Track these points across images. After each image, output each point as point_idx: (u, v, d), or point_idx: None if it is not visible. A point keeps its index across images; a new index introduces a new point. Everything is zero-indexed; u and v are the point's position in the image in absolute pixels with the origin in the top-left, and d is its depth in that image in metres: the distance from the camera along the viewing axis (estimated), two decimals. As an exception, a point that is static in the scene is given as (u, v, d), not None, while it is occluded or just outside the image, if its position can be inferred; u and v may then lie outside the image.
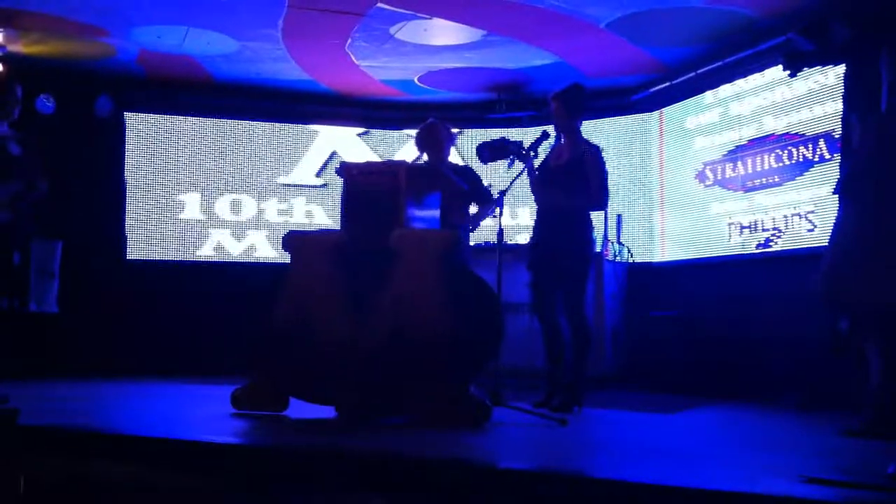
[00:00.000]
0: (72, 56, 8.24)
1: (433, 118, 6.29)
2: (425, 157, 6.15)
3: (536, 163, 5.82)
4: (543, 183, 5.83)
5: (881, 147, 3.35)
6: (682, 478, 3.18)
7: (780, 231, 7.14)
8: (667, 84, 8.50)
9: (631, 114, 8.96)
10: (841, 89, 6.35)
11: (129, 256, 8.99)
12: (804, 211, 6.91)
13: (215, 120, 9.37)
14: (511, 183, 5.60)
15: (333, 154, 9.61)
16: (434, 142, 6.14)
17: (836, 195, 4.22)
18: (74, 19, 7.26)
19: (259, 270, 9.15)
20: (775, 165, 7.24)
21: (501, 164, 6.29)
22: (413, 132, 6.42)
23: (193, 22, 7.36)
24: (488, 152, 5.85)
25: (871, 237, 3.16)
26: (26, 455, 3.93)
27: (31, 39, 7.79)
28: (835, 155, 6.58)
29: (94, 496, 3.66)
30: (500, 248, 5.38)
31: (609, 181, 5.82)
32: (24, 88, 6.37)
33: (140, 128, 9.16)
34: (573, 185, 5.72)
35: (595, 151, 5.78)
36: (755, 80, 7.53)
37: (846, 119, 4.92)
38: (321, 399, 5.06)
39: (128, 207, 9.03)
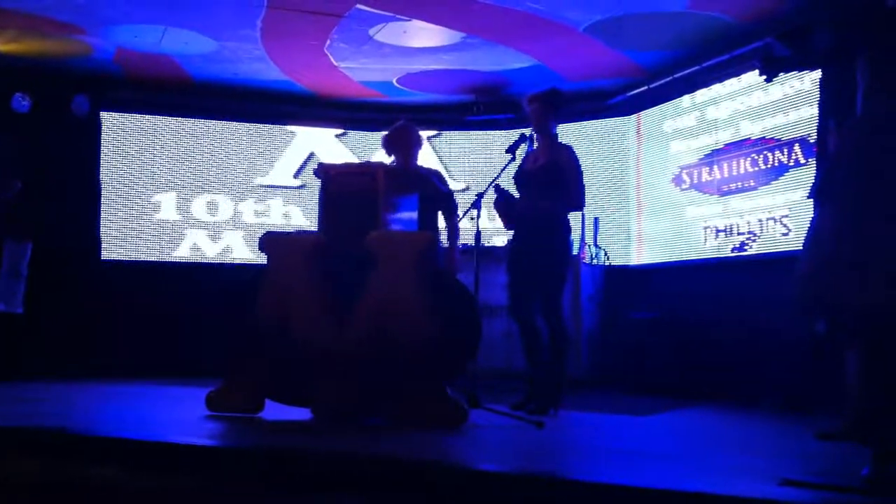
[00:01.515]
0: (48, 55, 8.18)
1: (403, 120, 6.28)
2: (393, 159, 6.13)
3: (513, 167, 5.82)
4: (520, 187, 5.83)
5: (857, 152, 3.38)
6: (659, 479, 3.19)
7: (755, 235, 7.19)
8: (644, 88, 8.54)
9: (608, 117, 8.99)
10: (817, 95, 6.43)
11: (104, 257, 8.93)
12: (779, 215, 6.96)
13: (192, 120, 9.33)
14: (488, 186, 5.60)
15: (311, 155, 9.58)
16: (404, 144, 6.11)
17: (811, 199, 4.26)
18: (51, 17, 7.20)
19: (235, 271, 9.12)
20: (751, 170, 7.29)
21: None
22: (391, 134, 6.39)
23: (171, 21, 7.32)
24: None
25: (847, 241, 3.18)
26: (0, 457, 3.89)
27: (6, 38, 7.72)
28: (810, 159, 6.63)
29: (67, 498, 3.63)
30: (477, 251, 5.38)
31: (585, 183, 5.82)
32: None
33: (116, 127, 9.10)
34: (551, 187, 5.72)
35: (570, 152, 5.79)
36: (732, 84, 7.57)
37: (823, 124, 4.96)
38: (298, 400, 5.04)
39: (103, 207, 8.97)
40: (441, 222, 6.16)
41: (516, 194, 5.85)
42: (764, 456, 4.10)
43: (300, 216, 9.52)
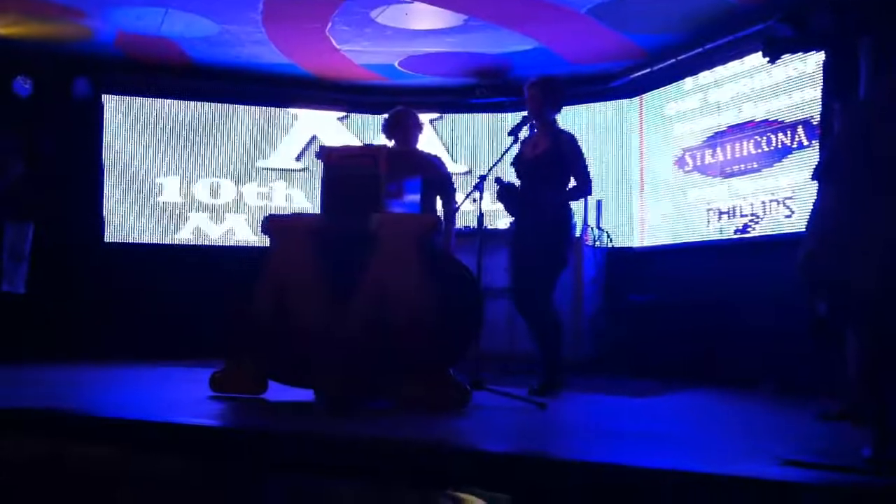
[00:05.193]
0: (49, 38, 8.17)
1: (401, 105, 6.28)
2: (392, 143, 6.14)
3: (514, 149, 5.80)
4: (520, 174, 5.82)
5: (860, 134, 3.38)
6: (660, 460, 3.20)
7: (758, 217, 7.18)
8: (647, 70, 8.51)
9: (611, 100, 8.97)
10: (820, 76, 6.40)
11: (107, 239, 8.95)
12: (782, 197, 6.95)
13: (194, 103, 9.32)
14: (490, 169, 5.58)
15: (313, 138, 9.57)
16: (403, 128, 6.11)
17: (815, 181, 4.25)
18: (52, 0, 7.18)
19: (238, 254, 9.11)
20: (754, 152, 7.28)
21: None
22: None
23: (172, 3, 7.30)
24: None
25: (849, 222, 3.18)
26: (3, 438, 3.91)
27: (7, 21, 7.71)
28: (813, 141, 6.61)
29: (70, 479, 3.65)
30: (480, 233, 5.38)
31: (588, 167, 5.83)
32: (0, 71, 6.34)
33: (118, 110, 9.09)
34: (553, 174, 5.71)
35: (572, 140, 5.78)
36: (735, 66, 7.55)
37: (827, 106, 4.94)
38: (301, 383, 5.05)
39: (105, 191, 8.97)
40: (439, 206, 6.17)
41: (515, 181, 5.84)
42: (765, 437, 4.11)
43: (303, 199, 9.52)
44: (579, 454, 3.41)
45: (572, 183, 5.77)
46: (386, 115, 6.25)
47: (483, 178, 5.48)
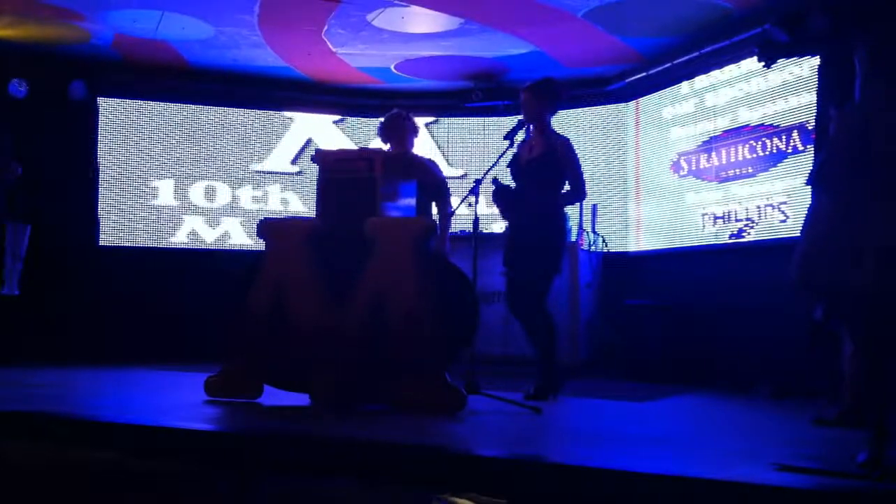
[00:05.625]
0: (46, 40, 8.16)
1: (397, 109, 6.29)
2: (387, 147, 6.14)
3: (510, 153, 5.81)
4: (515, 176, 5.82)
5: (855, 139, 3.38)
6: (656, 465, 3.20)
7: (753, 221, 7.19)
8: (643, 74, 8.52)
9: (607, 104, 8.98)
10: (815, 81, 6.41)
11: (102, 242, 8.92)
12: (777, 202, 6.96)
13: (190, 106, 9.31)
14: (486, 172, 5.58)
15: (309, 141, 9.57)
16: (399, 131, 6.12)
17: (810, 186, 4.26)
18: (49, 3, 7.17)
19: (233, 257, 9.10)
20: (749, 156, 7.28)
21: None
22: (389, 120, 6.40)
23: (169, 6, 7.30)
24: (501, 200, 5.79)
25: (843, 226, 3.19)
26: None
27: (4, 23, 7.69)
28: (808, 146, 6.63)
29: (67, 482, 3.64)
30: (475, 237, 5.37)
31: (583, 171, 5.83)
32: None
33: (114, 113, 9.08)
34: (547, 177, 5.71)
35: (567, 144, 5.77)
36: (731, 71, 7.56)
37: (824, 111, 4.95)
38: (296, 386, 5.04)
39: (100, 193, 8.95)
40: (434, 210, 6.17)
41: (511, 183, 5.84)
42: (760, 441, 4.11)
43: (298, 202, 9.51)
44: (574, 458, 3.40)
45: (567, 187, 5.77)
46: (382, 119, 6.26)
47: (479, 182, 5.48)
